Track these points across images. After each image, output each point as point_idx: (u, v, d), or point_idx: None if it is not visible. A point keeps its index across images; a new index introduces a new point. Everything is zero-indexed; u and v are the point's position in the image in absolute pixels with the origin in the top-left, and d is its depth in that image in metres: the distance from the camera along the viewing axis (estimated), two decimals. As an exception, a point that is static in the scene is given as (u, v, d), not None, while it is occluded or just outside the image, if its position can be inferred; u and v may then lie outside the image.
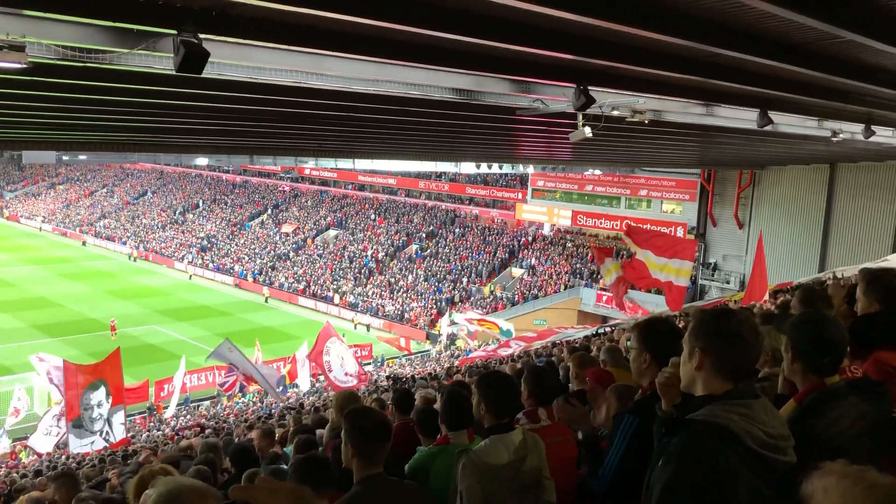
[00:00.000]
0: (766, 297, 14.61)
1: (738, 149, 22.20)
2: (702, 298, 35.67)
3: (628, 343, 3.56)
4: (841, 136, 14.43)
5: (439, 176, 51.98)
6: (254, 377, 20.04)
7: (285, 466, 5.62)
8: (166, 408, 25.53)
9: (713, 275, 37.48)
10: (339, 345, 22.43)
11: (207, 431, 16.84)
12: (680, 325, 2.45)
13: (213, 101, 9.96)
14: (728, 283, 36.30)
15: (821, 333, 2.68)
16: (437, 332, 39.66)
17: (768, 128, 11.42)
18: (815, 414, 2.59)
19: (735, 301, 15.21)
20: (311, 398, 24.01)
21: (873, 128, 13.59)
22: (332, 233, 55.19)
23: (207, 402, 28.33)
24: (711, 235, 38.04)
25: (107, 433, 17.28)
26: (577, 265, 42.28)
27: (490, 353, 26.04)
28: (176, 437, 17.66)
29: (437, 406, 5.29)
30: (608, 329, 22.46)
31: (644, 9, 5.65)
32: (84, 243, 62.60)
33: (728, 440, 2.11)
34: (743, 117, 11.99)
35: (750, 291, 15.44)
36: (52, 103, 9.86)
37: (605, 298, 36.17)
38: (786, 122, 13.07)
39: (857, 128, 13.70)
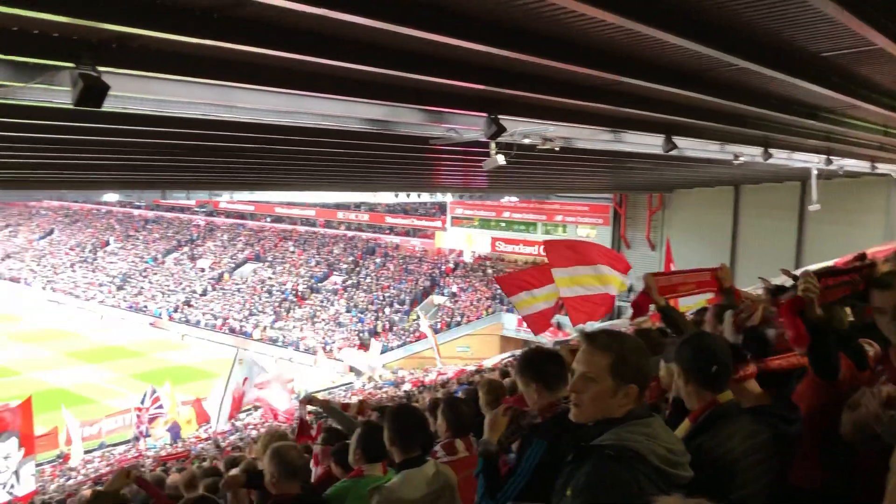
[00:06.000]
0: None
1: (647, 173, 22.96)
2: (619, 318, 36.46)
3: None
4: (742, 158, 15.01)
5: (358, 206, 51.73)
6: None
7: None
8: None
9: (628, 296, 38.41)
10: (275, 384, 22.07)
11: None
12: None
13: (117, 136, 9.62)
14: (643, 303, 37.26)
15: (702, 346, 2.79)
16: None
17: (674, 152, 11.82)
18: (707, 431, 2.66)
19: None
20: (230, 437, 23.30)
21: (770, 150, 14.27)
22: (250, 266, 54.06)
23: (123, 447, 27.06)
24: (626, 257, 39.01)
25: (11, 486, 16.32)
26: (498, 291, 42.62)
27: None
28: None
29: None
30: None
31: (542, 40, 5.81)
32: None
33: (637, 462, 2.14)
34: (649, 143, 12.27)
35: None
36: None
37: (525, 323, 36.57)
38: (690, 147, 13.53)
39: (757, 151, 14.30)
